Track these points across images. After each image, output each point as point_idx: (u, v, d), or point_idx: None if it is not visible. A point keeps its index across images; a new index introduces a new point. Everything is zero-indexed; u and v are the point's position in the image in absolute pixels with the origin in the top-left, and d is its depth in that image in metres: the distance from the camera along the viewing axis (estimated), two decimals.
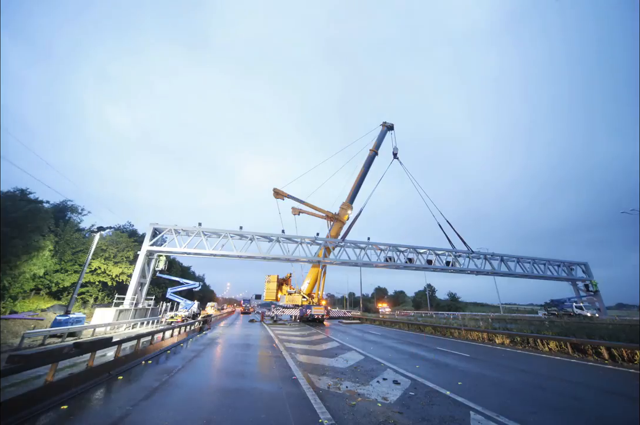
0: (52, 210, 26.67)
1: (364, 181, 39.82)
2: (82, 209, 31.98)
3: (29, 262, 20.92)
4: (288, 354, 10.53)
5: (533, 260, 39.38)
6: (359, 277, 74.99)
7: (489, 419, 4.78)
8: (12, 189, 22.88)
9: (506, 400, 5.80)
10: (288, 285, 36.74)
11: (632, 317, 33.88)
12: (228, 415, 4.66)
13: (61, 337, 14.42)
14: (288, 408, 5.03)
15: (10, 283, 20.66)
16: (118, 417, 4.54)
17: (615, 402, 5.86)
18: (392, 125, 45.40)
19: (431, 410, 5.10)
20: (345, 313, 39.95)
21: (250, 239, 31.08)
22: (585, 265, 41.82)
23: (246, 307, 60.32)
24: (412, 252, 35.62)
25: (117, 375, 6.98)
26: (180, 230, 29.99)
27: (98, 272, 28.72)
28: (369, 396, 5.82)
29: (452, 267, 36.19)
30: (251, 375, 7.43)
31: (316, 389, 6.23)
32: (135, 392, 5.85)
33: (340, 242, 33.69)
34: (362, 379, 7.21)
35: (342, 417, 4.71)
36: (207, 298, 72.19)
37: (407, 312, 59.06)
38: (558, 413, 5.17)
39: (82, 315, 17.23)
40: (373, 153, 41.46)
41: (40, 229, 21.46)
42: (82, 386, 5.90)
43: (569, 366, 9.57)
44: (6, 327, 14.18)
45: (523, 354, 11.92)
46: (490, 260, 37.81)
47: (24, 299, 22.88)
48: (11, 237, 18.63)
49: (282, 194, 36.66)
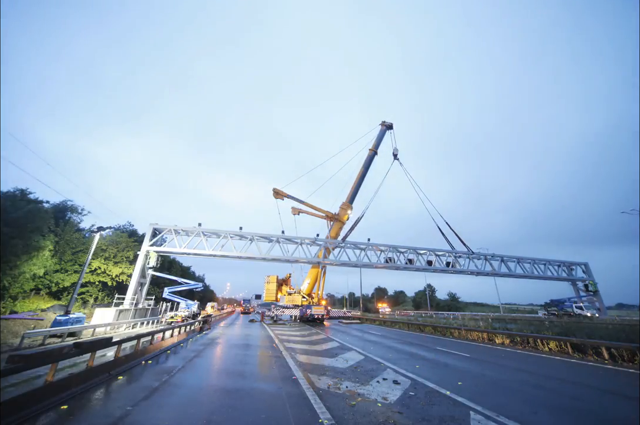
0: (52, 210, 26.66)
1: (363, 181, 39.83)
2: (82, 209, 31.97)
3: (29, 262, 20.91)
4: (288, 354, 10.53)
5: (533, 260, 39.39)
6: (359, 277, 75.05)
7: (489, 419, 4.78)
8: (12, 189, 22.89)
9: (506, 400, 5.80)
10: (288, 286, 36.74)
11: (632, 317, 33.91)
12: (228, 416, 4.66)
13: (61, 337, 14.42)
14: (288, 408, 5.03)
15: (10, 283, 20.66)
16: (118, 417, 4.54)
17: (615, 402, 5.86)
18: (391, 124, 45.18)
19: (431, 410, 5.10)
20: (345, 313, 39.93)
21: (250, 239, 31.08)
22: (585, 266, 41.83)
23: (246, 307, 60.31)
24: (412, 253, 35.63)
25: (117, 375, 6.99)
26: (180, 230, 30.00)
27: (98, 272, 28.71)
28: (369, 396, 5.82)
29: (452, 268, 36.21)
30: (251, 375, 7.43)
31: (316, 389, 6.23)
32: (136, 392, 5.85)
33: (341, 243, 33.70)
34: (362, 379, 7.21)
35: (342, 417, 4.71)
36: (207, 298, 72.15)
37: (407, 312, 59.07)
38: (558, 413, 5.18)
39: (82, 315, 17.23)
40: (372, 153, 41.42)
41: (40, 229, 21.45)
42: (82, 386, 5.90)
43: (569, 366, 9.57)
44: (6, 327, 14.18)
45: (523, 354, 11.92)
46: (490, 261, 37.83)
47: (24, 299, 22.86)
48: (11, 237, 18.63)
49: (282, 194, 36.65)
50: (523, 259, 39.01)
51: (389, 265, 34.40)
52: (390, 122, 45.29)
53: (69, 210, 30.94)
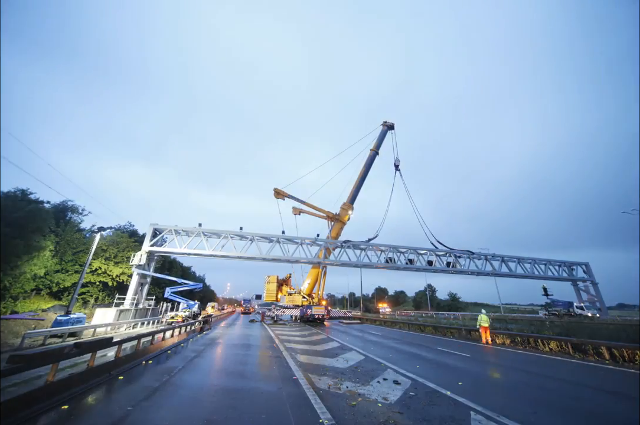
0: (52, 210, 26.70)
1: (364, 181, 39.76)
2: (82, 209, 32.03)
3: (30, 262, 20.93)
4: (288, 354, 10.53)
5: (534, 260, 39.31)
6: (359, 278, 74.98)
7: (490, 419, 4.77)
8: (12, 189, 22.92)
9: (507, 401, 5.79)
10: (288, 286, 36.73)
11: (632, 317, 33.84)
12: (228, 416, 4.66)
13: (62, 337, 14.42)
14: (288, 408, 5.03)
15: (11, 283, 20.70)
16: (118, 417, 4.54)
17: (615, 402, 5.85)
18: (392, 124, 44.79)
19: (432, 411, 5.09)
20: (345, 313, 39.94)
21: (251, 239, 31.06)
22: (586, 266, 41.71)
23: (246, 307, 60.33)
24: (413, 253, 35.58)
25: (117, 376, 6.99)
26: (181, 230, 29.99)
27: (99, 272, 28.72)
28: (369, 396, 5.82)
29: (453, 268, 36.16)
30: (251, 376, 7.43)
31: (316, 389, 6.23)
32: (136, 392, 5.86)
33: (342, 243, 33.65)
34: (363, 379, 7.20)
35: (343, 417, 4.70)
36: (207, 298, 72.10)
37: (407, 313, 59.06)
38: (559, 413, 5.17)
39: (83, 315, 17.26)
40: (374, 153, 41.33)
41: (40, 229, 21.47)
42: (83, 386, 5.90)
43: (569, 366, 9.55)
44: (7, 327, 14.19)
45: (523, 354, 11.90)
46: (490, 261, 37.77)
47: (24, 299, 22.89)
48: (12, 238, 18.65)
49: (283, 194, 36.64)
50: (523, 259, 38.93)
51: (389, 266, 34.35)
52: (391, 122, 45.00)
53: (70, 211, 30.99)
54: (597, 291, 39.59)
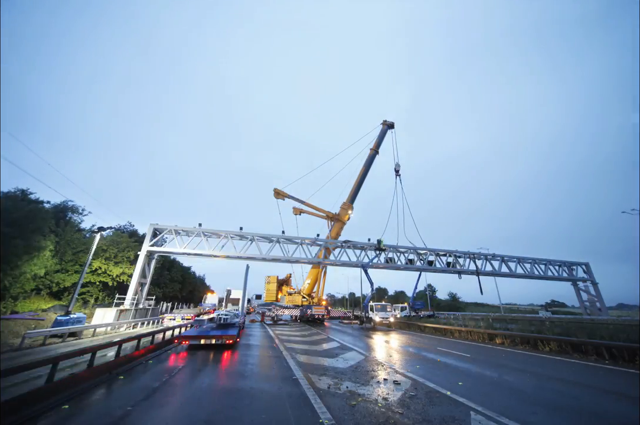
0: (52, 210, 26.71)
1: (364, 180, 39.74)
2: (82, 209, 32.07)
3: (30, 262, 20.92)
4: (288, 354, 10.53)
5: (534, 260, 39.32)
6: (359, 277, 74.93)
7: (490, 419, 4.77)
8: (12, 189, 22.95)
9: (507, 401, 5.79)
10: (288, 286, 36.77)
11: (632, 317, 33.83)
12: (228, 416, 4.67)
13: (62, 337, 14.44)
14: (288, 408, 5.03)
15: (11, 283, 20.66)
16: (119, 417, 4.55)
17: (615, 402, 5.85)
18: (392, 123, 44.60)
19: (432, 411, 5.09)
20: (345, 313, 39.96)
21: (251, 239, 31.06)
22: (586, 265, 41.70)
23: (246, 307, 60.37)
24: (413, 253, 35.60)
25: (118, 375, 7.00)
26: (181, 230, 29.99)
27: (99, 272, 28.72)
28: (369, 396, 5.82)
29: (453, 268, 36.17)
30: (252, 375, 7.43)
31: (316, 389, 6.23)
32: (136, 391, 5.86)
33: (341, 243, 33.65)
34: (363, 379, 7.21)
35: (343, 417, 4.71)
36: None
37: None
38: (558, 413, 5.17)
39: (83, 315, 17.26)
40: (374, 152, 41.31)
41: (40, 229, 21.45)
42: (83, 386, 5.91)
43: (569, 366, 9.54)
44: (7, 327, 14.19)
45: (523, 354, 11.90)
46: (491, 261, 37.79)
47: (24, 299, 22.87)
48: (12, 238, 18.63)
49: (283, 194, 36.66)
50: (524, 259, 38.94)
51: (390, 265, 34.38)
52: (391, 121, 44.93)
53: (70, 211, 31.01)
54: (597, 291, 39.57)
